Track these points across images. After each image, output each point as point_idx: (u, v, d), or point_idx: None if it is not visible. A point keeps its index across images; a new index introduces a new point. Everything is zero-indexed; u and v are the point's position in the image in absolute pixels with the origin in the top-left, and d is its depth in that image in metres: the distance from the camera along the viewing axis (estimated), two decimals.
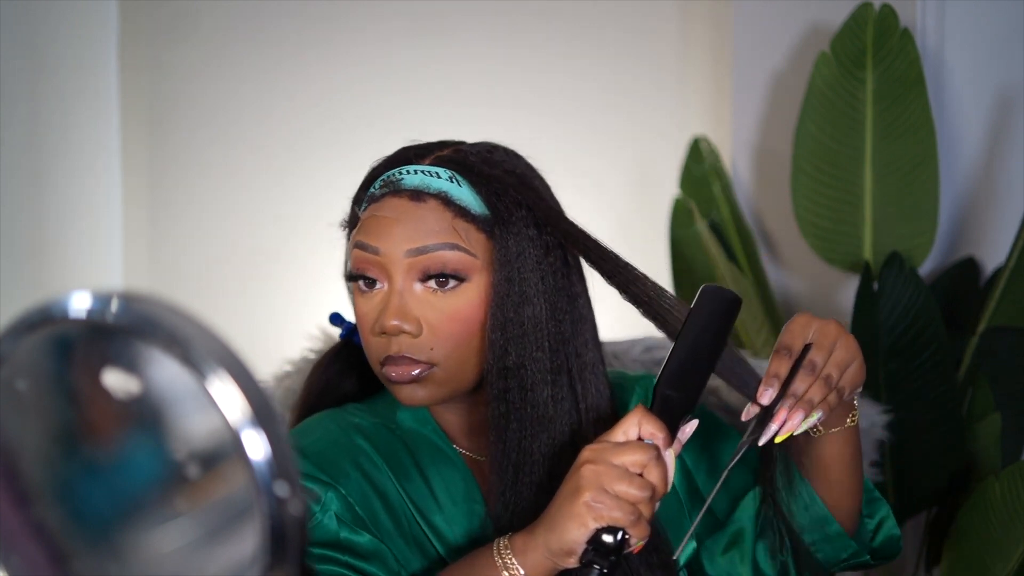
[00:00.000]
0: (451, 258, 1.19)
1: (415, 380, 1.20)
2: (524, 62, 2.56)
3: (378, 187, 1.23)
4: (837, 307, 2.21)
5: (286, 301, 2.67)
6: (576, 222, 1.24)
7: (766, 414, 1.14)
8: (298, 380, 1.49)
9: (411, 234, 1.19)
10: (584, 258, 1.24)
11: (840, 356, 1.15)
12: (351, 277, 1.23)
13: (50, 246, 2.60)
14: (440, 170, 1.22)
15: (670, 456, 1.10)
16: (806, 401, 1.12)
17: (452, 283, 1.19)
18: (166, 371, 0.66)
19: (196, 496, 0.68)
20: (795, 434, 1.13)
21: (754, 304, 2.12)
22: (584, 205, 2.53)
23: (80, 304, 0.67)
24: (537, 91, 2.56)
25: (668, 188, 2.37)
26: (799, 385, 1.13)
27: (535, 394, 1.20)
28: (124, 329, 0.67)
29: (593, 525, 1.07)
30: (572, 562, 1.09)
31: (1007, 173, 2.13)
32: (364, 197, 1.25)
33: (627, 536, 1.07)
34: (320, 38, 2.67)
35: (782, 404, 1.13)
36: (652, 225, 2.44)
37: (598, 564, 1.07)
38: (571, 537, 1.07)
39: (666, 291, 1.20)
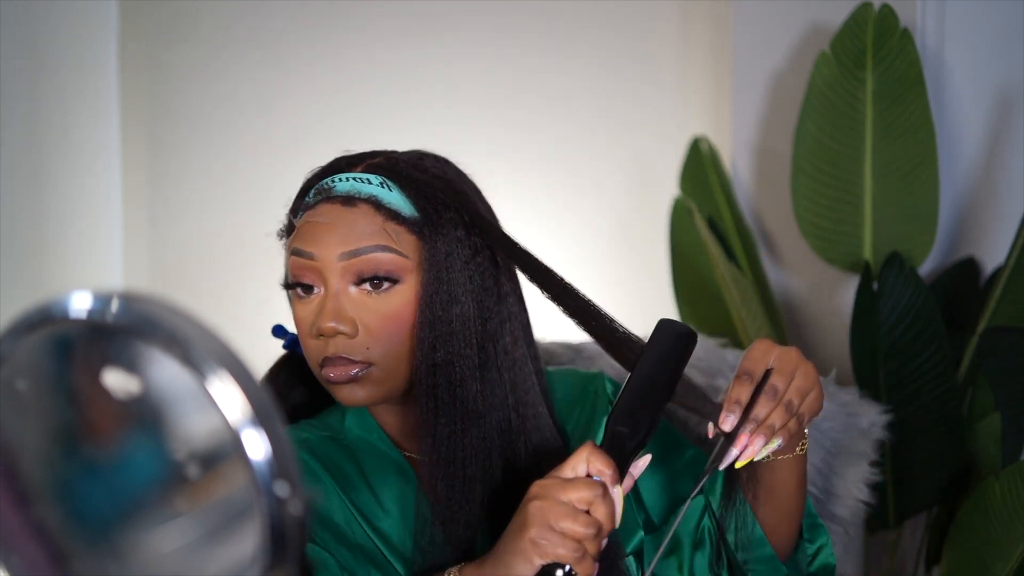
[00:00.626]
0: (384, 260, 1.22)
1: (353, 380, 1.22)
2: (524, 62, 2.56)
3: (312, 195, 1.27)
4: (837, 307, 2.21)
5: (287, 301, 2.66)
6: (509, 232, 1.26)
7: (727, 439, 1.14)
8: None
9: (344, 237, 1.22)
10: (518, 268, 1.26)
11: (800, 383, 1.16)
12: (289, 285, 1.27)
13: (50, 246, 2.59)
14: (371, 176, 1.25)
15: (618, 493, 1.10)
16: (767, 426, 1.13)
17: (386, 285, 1.22)
18: (166, 371, 0.67)
19: (196, 496, 0.68)
20: (755, 460, 1.14)
21: (754, 304, 2.12)
22: (584, 205, 2.56)
23: (80, 304, 0.67)
24: (537, 91, 2.56)
25: (668, 188, 2.37)
26: (760, 410, 1.14)
27: (464, 390, 1.22)
28: (124, 329, 0.67)
29: (538, 562, 1.07)
30: None
31: (1007, 173, 2.13)
32: (300, 206, 1.29)
33: (573, 573, 1.08)
34: (320, 38, 2.67)
35: (743, 429, 1.13)
36: (652, 225, 2.44)
37: None
38: (516, 572, 1.08)
39: (601, 309, 1.23)
